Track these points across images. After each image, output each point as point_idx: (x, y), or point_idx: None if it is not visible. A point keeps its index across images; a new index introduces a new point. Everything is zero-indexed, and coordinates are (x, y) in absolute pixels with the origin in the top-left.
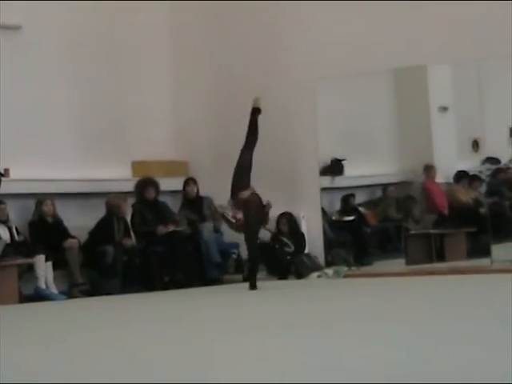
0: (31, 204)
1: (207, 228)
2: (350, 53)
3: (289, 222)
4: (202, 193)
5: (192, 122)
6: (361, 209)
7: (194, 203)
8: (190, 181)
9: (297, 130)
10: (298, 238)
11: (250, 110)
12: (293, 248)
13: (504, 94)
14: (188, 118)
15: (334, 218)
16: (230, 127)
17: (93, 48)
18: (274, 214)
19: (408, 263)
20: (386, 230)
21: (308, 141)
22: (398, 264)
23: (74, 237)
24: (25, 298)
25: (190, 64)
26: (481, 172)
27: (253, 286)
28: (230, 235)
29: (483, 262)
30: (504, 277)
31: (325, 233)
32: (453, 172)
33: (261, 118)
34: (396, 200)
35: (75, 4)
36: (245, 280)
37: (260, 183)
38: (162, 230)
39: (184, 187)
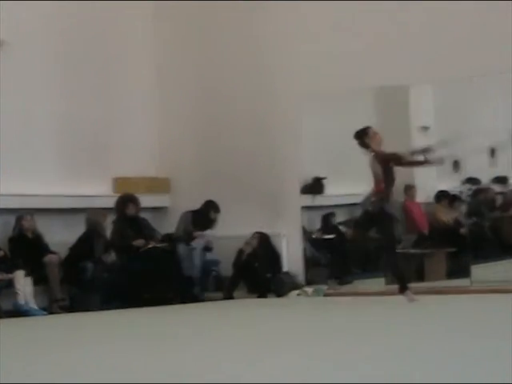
0: (12, 219)
1: (197, 245)
2: (335, 70)
3: (261, 240)
4: (184, 210)
5: (174, 139)
6: (341, 227)
7: None
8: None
9: (280, 147)
10: (273, 257)
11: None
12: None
13: (485, 114)
14: (170, 135)
15: (314, 236)
16: (212, 145)
17: (77, 64)
18: (250, 231)
19: (388, 282)
20: (366, 249)
21: (291, 159)
22: (378, 283)
23: (54, 252)
24: (4, 314)
25: (172, 81)
26: (461, 192)
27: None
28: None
29: (463, 282)
30: (483, 297)
31: (305, 251)
32: (433, 192)
33: (244, 136)
34: None
35: (60, 19)
36: (225, 298)
37: (241, 200)
38: (140, 242)
39: None
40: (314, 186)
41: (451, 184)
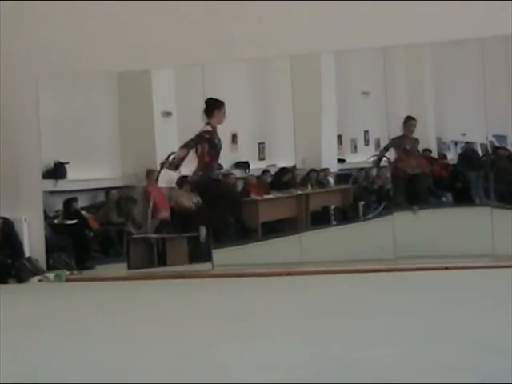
0: None
1: None
2: (74, 53)
3: (3, 225)
4: None
5: None
6: (83, 212)
7: None
8: None
9: (18, 131)
10: (14, 242)
11: None
12: None
13: (229, 99)
14: None
15: (56, 221)
16: None
17: None
18: None
19: (130, 267)
20: (108, 233)
21: (30, 143)
22: (120, 268)
23: None
24: None
25: None
26: None
27: None
28: None
29: (205, 266)
30: (225, 281)
31: (46, 236)
32: (175, 177)
33: None
34: (118, 204)
35: None
36: None
37: None
38: None
39: None
40: (56, 171)
41: (192, 169)
